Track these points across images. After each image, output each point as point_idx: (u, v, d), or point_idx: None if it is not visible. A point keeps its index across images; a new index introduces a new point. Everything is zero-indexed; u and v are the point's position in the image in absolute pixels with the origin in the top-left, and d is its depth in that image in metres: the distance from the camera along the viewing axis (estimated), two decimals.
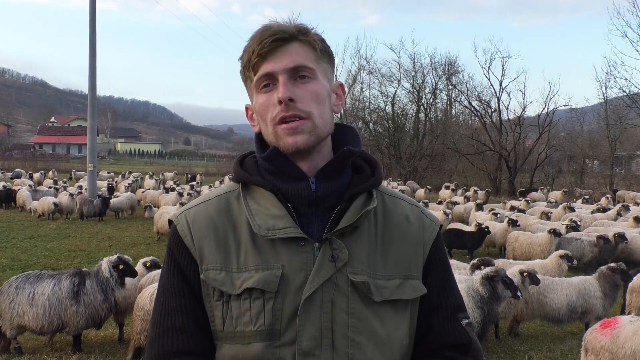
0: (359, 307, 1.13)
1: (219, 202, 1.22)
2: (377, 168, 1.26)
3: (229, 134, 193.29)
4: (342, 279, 1.12)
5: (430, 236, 1.25)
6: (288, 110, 1.12)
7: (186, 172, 33.17)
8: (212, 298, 1.14)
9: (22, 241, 11.56)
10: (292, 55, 1.13)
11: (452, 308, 1.24)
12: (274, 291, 1.10)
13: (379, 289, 1.14)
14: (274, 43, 1.12)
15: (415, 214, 1.27)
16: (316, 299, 1.10)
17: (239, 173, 1.23)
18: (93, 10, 17.12)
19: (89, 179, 17.33)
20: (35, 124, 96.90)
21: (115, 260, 5.36)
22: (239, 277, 1.12)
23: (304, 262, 1.12)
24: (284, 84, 1.12)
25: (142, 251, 10.60)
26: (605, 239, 9.42)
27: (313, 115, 1.14)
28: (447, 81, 35.39)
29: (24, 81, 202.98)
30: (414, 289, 1.19)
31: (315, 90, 1.15)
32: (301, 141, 1.13)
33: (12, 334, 5.29)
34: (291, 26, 1.15)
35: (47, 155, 54.70)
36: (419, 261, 1.22)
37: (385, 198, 1.26)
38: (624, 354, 4.05)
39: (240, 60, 1.21)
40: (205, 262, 1.15)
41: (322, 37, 1.21)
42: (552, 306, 6.18)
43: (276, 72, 1.13)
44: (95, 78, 17.27)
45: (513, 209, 14.86)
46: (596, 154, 31.15)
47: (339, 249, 1.13)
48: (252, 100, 1.22)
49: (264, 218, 1.14)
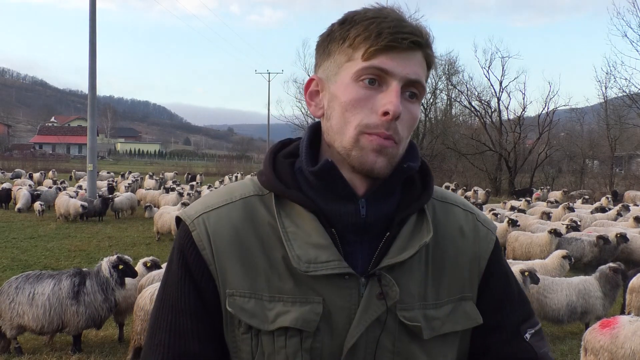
0: (406, 346, 0.99)
1: (245, 208, 1.01)
2: (429, 179, 1.07)
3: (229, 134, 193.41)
4: (390, 318, 0.98)
5: (487, 248, 1.09)
6: (389, 129, 0.93)
7: (186, 172, 33.18)
8: (236, 328, 0.98)
9: (22, 241, 11.55)
10: (416, 66, 0.95)
11: (514, 324, 1.08)
12: (312, 330, 0.95)
13: (430, 321, 1.01)
14: (410, 44, 0.93)
15: (469, 225, 1.09)
16: (360, 343, 0.96)
17: (273, 184, 1.01)
18: (93, 10, 17.12)
19: (89, 179, 17.33)
20: (35, 124, 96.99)
21: (115, 260, 5.36)
22: (272, 307, 0.96)
23: (347, 300, 0.96)
24: (398, 95, 0.92)
25: (142, 251, 10.60)
26: (605, 239, 9.41)
27: (402, 143, 0.97)
28: (447, 81, 35.40)
29: (24, 81, 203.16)
30: (467, 317, 1.05)
31: (416, 115, 0.98)
32: (381, 164, 0.95)
33: (12, 334, 5.29)
34: (426, 32, 0.97)
35: (47, 155, 54.74)
36: (474, 279, 1.07)
37: (436, 206, 1.09)
38: (623, 354, 4.05)
39: (339, 24, 0.97)
40: (230, 285, 0.97)
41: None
42: (551, 306, 6.18)
43: (395, 74, 0.93)
44: (95, 78, 17.27)
45: (513, 209, 14.86)
46: (596, 154, 31.16)
47: (389, 286, 0.97)
48: (331, 79, 0.98)
49: (303, 247, 0.95)
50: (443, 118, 36.36)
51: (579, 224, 11.48)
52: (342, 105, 0.95)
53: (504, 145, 30.02)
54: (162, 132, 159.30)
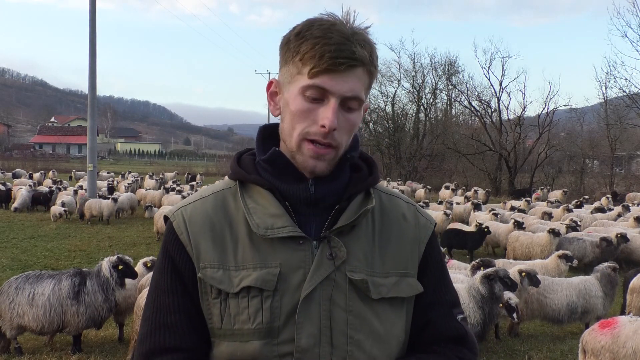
0: (357, 305, 1.14)
1: (216, 199, 1.21)
2: (374, 167, 1.27)
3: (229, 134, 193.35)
4: (340, 277, 1.13)
5: (426, 234, 1.27)
6: (326, 138, 1.11)
7: (186, 172, 33.17)
8: (209, 296, 1.14)
9: (22, 241, 11.56)
10: (353, 83, 1.10)
11: (448, 304, 1.26)
12: (272, 289, 1.10)
13: (377, 286, 1.16)
14: (346, 68, 1.08)
15: (411, 213, 1.28)
16: (315, 297, 1.11)
17: (236, 171, 1.23)
18: (93, 10, 17.11)
19: (89, 179, 17.31)
20: (35, 124, 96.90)
21: (115, 260, 5.36)
22: (237, 275, 1.12)
23: (302, 261, 1.12)
24: (334, 112, 1.09)
25: (142, 251, 10.60)
26: (608, 241, 9.39)
27: (341, 146, 1.15)
28: (447, 81, 35.46)
29: (24, 81, 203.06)
30: (411, 286, 1.21)
31: (354, 122, 1.15)
32: (320, 167, 1.14)
33: (12, 334, 5.29)
34: (367, 46, 1.11)
35: (47, 155, 54.68)
36: (415, 259, 1.24)
37: (382, 196, 1.27)
38: (625, 353, 4.06)
39: (295, 35, 1.12)
40: (203, 260, 1.15)
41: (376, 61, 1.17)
42: (552, 306, 6.18)
43: (333, 92, 1.10)
44: (95, 78, 17.26)
45: (513, 209, 14.88)
46: (596, 154, 31.12)
47: (338, 247, 1.14)
48: (286, 86, 1.16)
49: (262, 217, 1.14)
50: (443, 118, 36.37)
51: (579, 224, 11.48)
52: (292, 114, 1.14)
53: (504, 145, 30.03)
54: (162, 132, 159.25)
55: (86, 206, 14.67)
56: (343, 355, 1.11)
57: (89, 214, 14.54)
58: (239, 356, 1.11)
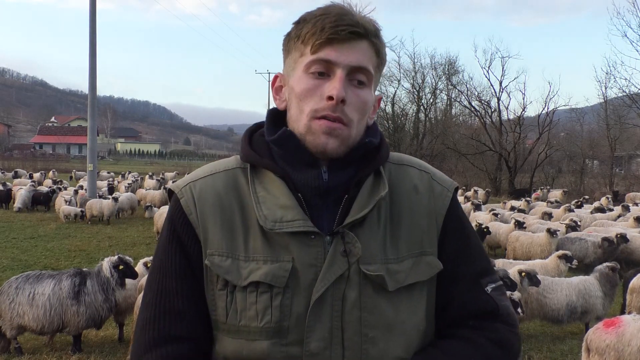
0: (372, 299, 1.05)
1: (227, 178, 1.12)
2: (382, 141, 1.15)
3: (229, 134, 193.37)
4: (354, 272, 1.05)
5: (443, 205, 1.15)
6: (335, 111, 1.03)
7: (186, 172, 33.15)
8: (215, 286, 1.06)
9: (22, 241, 11.55)
10: (359, 54, 1.04)
11: (473, 275, 1.13)
12: (282, 286, 1.03)
13: (393, 274, 1.06)
14: (349, 35, 1.03)
15: (424, 182, 1.16)
16: (327, 298, 1.03)
17: (247, 153, 1.13)
18: (93, 10, 17.11)
19: (89, 179, 17.33)
20: (35, 124, 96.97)
21: (116, 260, 5.36)
22: (246, 266, 1.05)
23: (314, 257, 1.04)
24: (341, 81, 1.03)
25: (142, 251, 10.59)
26: (610, 241, 9.37)
27: (353, 125, 1.06)
28: (447, 81, 35.43)
29: (24, 81, 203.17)
30: (430, 266, 1.11)
31: (365, 99, 1.08)
32: (332, 145, 1.05)
33: (12, 334, 5.29)
34: (370, 22, 1.06)
35: (47, 155, 54.69)
36: (433, 235, 1.13)
37: (392, 169, 1.16)
38: (630, 351, 4.08)
39: (295, 24, 1.09)
40: (210, 245, 1.07)
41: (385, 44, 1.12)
42: (551, 306, 6.17)
43: (338, 63, 1.03)
44: (95, 78, 17.27)
45: (513, 209, 14.87)
46: (596, 154, 31.13)
47: (352, 243, 1.05)
48: (290, 74, 1.10)
49: (271, 208, 1.05)
50: (443, 118, 36.36)
51: (579, 224, 11.48)
52: (297, 96, 1.07)
53: (504, 145, 30.02)
54: (162, 132, 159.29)
55: (87, 206, 14.66)
56: (357, 355, 1.04)
57: (89, 214, 14.53)
58: (246, 355, 1.04)
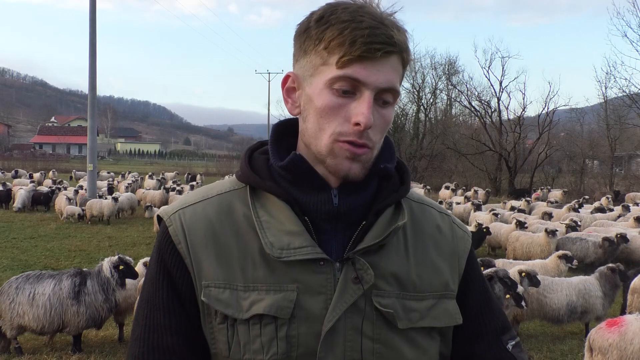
0: (385, 333, 1.00)
1: (220, 203, 1.04)
2: (406, 174, 1.09)
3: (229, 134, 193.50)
4: (367, 303, 0.99)
5: (465, 249, 1.11)
6: (362, 138, 0.95)
7: (186, 172, 33.18)
8: (213, 319, 0.99)
9: (22, 241, 11.55)
10: (389, 73, 0.95)
11: (495, 332, 1.10)
12: (287, 317, 0.96)
13: (408, 312, 1.01)
14: (382, 55, 0.93)
15: (446, 224, 1.12)
16: (339, 328, 0.97)
17: (247, 174, 1.05)
18: (93, 10, 17.11)
19: (89, 179, 17.32)
20: (35, 124, 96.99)
21: (116, 260, 5.36)
22: (247, 297, 0.97)
23: (322, 285, 0.97)
24: (369, 107, 0.94)
25: (142, 251, 10.60)
26: (611, 241, 9.38)
27: (375, 147, 0.99)
28: (447, 81, 35.45)
29: (24, 81, 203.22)
30: (449, 314, 1.05)
31: (389, 119, 0.99)
32: (355, 171, 0.97)
33: (12, 334, 5.29)
34: (403, 33, 0.97)
35: (47, 155, 54.67)
36: (455, 277, 1.09)
37: (413, 206, 1.10)
38: (632, 350, 4.10)
39: (316, 21, 0.96)
40: (205, 276, 0.99)
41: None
42: (551, 306, 6.18)
43: (367, 85, 0.94)
44: (95, 78, 17.27)
45: (513, 209, 14.88)
46: (596, 154, 31.14)
47: (364, 270, 0.98)
48: (307, 79, 1.00)
49: (276, 234, 0.98)
50: (443, 118, 36.37)
51: (579, 224, 11.48)
52: (317, 111, 0.97)
53: (504, 145, 30.02)
54: (162, 132, 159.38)
55: (87, 206, 14.66)
56: None
57: (89, 214, 14.53)
58: None
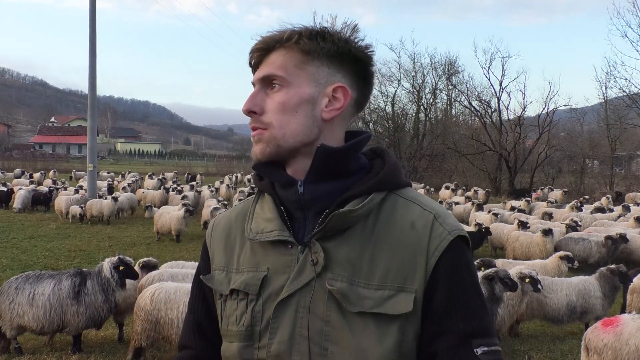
0: (335, 316, 1.06)
1: (242, 207, 1.28)
2: (385, 166, 1.15)
3: (229, 134, 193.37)
4: (321, 285, 1.07)
5: (439, 247, 1.08)
6: (251, 123, 1.16)
7: (186, 172, 33.15)
8: (216, 297, 1.23)
9: (22, 241, 11.56)
10: (266, 66, 1.14)
11: (462, 333, 1.05)
12: (255, 293, 1.13)
13: (360, 298, 1.05)
14: (257, 55, 1.15)
15: (424, 221, 1.11)
16: (292, 303, 1.08)
17: (255, 180, 1.26)
18: (93, 10, 17.11)
19: (89, 179, 17.33)
20: (35, 124, 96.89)
21: (116, 261, 5.36)
22: (236, 278, 1.18)
23: (287, 266, 1.11)
24: (251, 96, 1.15)
25: (142, 251, 10.60)
26: (614, 239, 9.37)
27: (272, 126, 1.12)
28: (447, 81, 35.44)
29: (24, 81, 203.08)
30: (402, 304, 1.06)
31: (280, 100, 1.12)
32: (258, 150, 1.15)
33: (12, 334, 5.29)
34: (277, 35, 1.12)
35: (47, 155, 54.62)
36: (420, 273, 1.07)
37: (399, 202, 1.14)
38: (627, 350, 4.07)
39: None
40: (214, 262, 1.25)
41: (328, 36, 1.11)
42: (551, 306, 6.18)
43: (254, 83, 1.17)
44: (95, 78, 17.27)
45: (513, 209, 14.88)
46: (596, 154, 31.13)
47: (317, 253, 1.08)
48: None
49: (258, 221, 1.18)
50: (443, 118, 36.37)
51: (579, 224, 11.48)
52: None
53: (504, 145, 30.03)
54: (162, 132, 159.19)
55: (86, 206, 14.67)
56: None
57: (89, 214, 14.53)
58: (227, 356, 1.17)
